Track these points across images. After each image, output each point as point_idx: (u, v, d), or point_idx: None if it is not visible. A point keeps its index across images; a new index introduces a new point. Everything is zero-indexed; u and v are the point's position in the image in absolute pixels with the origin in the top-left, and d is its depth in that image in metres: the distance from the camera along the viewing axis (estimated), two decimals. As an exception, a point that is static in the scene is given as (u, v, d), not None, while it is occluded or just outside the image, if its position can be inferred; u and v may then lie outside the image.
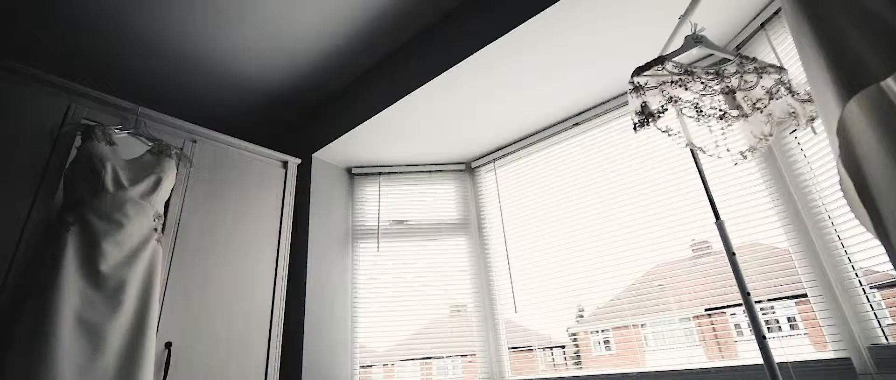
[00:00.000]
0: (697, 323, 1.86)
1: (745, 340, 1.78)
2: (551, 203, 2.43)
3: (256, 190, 2.22)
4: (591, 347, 2.17)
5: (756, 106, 1.26)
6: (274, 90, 2.67)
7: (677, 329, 1.91)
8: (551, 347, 2.30)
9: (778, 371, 1.22)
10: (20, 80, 1.64)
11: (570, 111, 2.41)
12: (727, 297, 1.80)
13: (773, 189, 1.77)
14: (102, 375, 1.43)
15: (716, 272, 1.85)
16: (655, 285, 1.98)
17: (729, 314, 1.81)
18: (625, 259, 2.09)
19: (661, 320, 1.94)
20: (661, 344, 1.94)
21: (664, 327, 1.94)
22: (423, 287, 2.57)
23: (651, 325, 1.98)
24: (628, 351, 2.04)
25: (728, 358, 1.79)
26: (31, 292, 1.41)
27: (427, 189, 2.83)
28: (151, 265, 1.66)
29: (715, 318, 1.84)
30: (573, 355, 2.21)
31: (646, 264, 2.02)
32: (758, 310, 1.29)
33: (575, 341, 2.22)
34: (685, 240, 1.94)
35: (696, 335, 1.85)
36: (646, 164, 2.14)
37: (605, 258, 2.16)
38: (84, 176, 1.60)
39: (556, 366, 2.25)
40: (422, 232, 2.70)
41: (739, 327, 1.80)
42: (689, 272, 1.91)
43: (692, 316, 1.87)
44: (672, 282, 1.94)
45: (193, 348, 1.78)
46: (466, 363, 2.42)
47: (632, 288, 2.04)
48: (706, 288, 1.85)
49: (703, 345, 1.83)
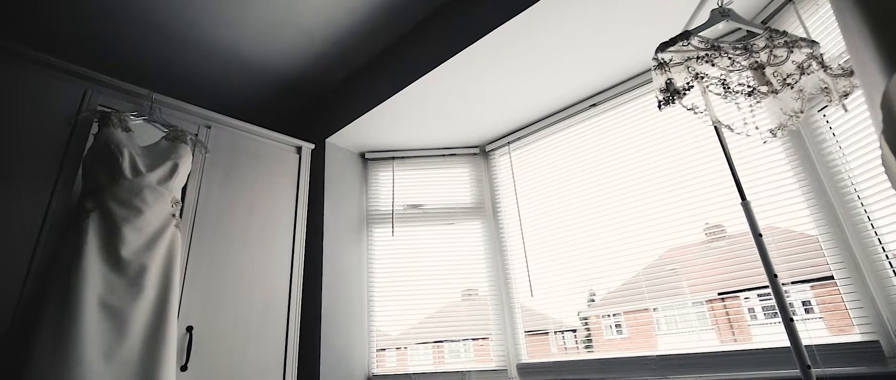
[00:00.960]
0: (710, 307, 1.85)
1: (758, 324, 1.76)
2: (566, 187, 2.40)
3: (271, 176, 2.22)
4: (602, 330, 2.17)
5: (786, 81, 1.21)
6: (286, 75, 2.65)
7: (690, 313, 1.89)
8: (564, 330, 2.29)
9: (805, 353, 1.19)
10: (36, 68, 1.64)
11: (586, 92, 2.36)
12: (741, 281, 1.78)
13: (798, 169, 1.71)
14: (128, 357, 1.45)
15: (730, 256, 1.82)
16: (668, 268, 1.97)
17: (742, 298, 1.80)
18: (638, 243, 2.07)
19: (674, 303, 1.93)
20: (674, 328, 1.93)
21: (677, 311, 1.93)
22: (439, 271, 2.57)
23: (663, 309, 1.97)
24: (640, 335, 2.04)
25: (741, 342, 1.78)
26: (55, 278, 1.43)
27: (441, 173, 2.81)
28: (171, 251, 1.67)
29: (728, 302, 1.82)
30: (584, 339, 2.20)
31: (659, 248, 2.00)
32: (784, 292, 1.26)
33: (586, 324, 2.21)
34: (699, 223, 1.92)
35: (709, 319, 1.84)
36: (662, 146, 2.10)
37: (618, 242, 2.14)
38: (102, 163, 1.61)
39: (568, 349, 2.25)
40: (436, 216, 2.69)
41: (753, 311, 1.78)
42: (703, 256, 1.88)
43: (705, 300, 1.86)
44: (685, 266, 1.92)
45: (214, 331, 1.80)
46: (478, 347, 2.43)
47: (645, 272, 2.03)
48: (720, 272, 1.84)
49: (716, 329, 1.82)
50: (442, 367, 2.40)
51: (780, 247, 1.72)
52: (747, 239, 1.79)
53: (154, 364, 1.49)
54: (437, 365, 2.43)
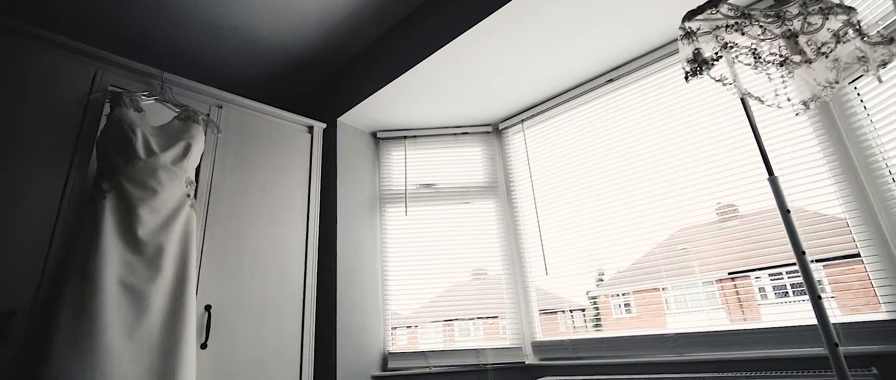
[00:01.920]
0: (720, 287, 1.85)
1: (769, 303, 1.76)
2: (580, 165, 2.36)
3: (283, 155, 2.21)
4: (611, 310, 2.18)
5: (821, 51, 1.15)
6: (296, 53, 2.61)
7: (700, 292, 1.89)
8: (573, 310, 2.30)
9: (833, 332, 1.17)
10: (46, 49, 1.63)
11: (605, 67, 2.29)
12: (753, 260, 1.77)
13: (826, 144, 1.65)
14: (148, 335, 1.47)
15: (742, 236, 1.80)
16: (679, 248, 1.95)
17: (753, 278, 1.79)
18: (650, 222, 2.05)
19: (684, 283, 1.93)
20: (683, 307, 1.93)
21: (686, 290, 1.93)
22: (452, 250, 2.56)
23: (673, 288, 1.98)
24: (649, 314, 2.05)
25: (751, 321, 1.77)
26: (75, 258, 1.44)
27: (454, 152, 2.78)
28: (187, 231, 1.68)
29: (739, 281, 1.81)
30: (593, 318, 2.21)
31: (671, 228, 1.99)
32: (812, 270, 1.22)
33: (595, 304, 2.21)
34: (711, 203, 1.89)
35: (719, 299, 1.84)
36: (678, 122, 2.05)
37: (630, 221, 2.12)
38: (115, 143, 1.60)
39: (577, 328, 2.26)
40: (449, 196, 2.67)
41: (764, 291, 1.77)
42: (715, 235, 1.86)
43: (716, 280, 1.85)
44: (696, 245, 1.91)
45: (232, 310, 1.82)
46: (488, 325, 2.43)
47: (656, 251, 2.02)
48: (731, 251, 1.82)
49: (726, 308, 1.82)
50: (458, 344, 2.41)
51: (802, 224, 1.68)
52: (760, 219, 1.77)
53: (175, 342, 1.51)
54: (451, 343, 2.44)
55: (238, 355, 1.78)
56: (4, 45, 1.54)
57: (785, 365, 1.59)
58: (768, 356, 1.63)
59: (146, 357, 1.45)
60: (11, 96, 1.52)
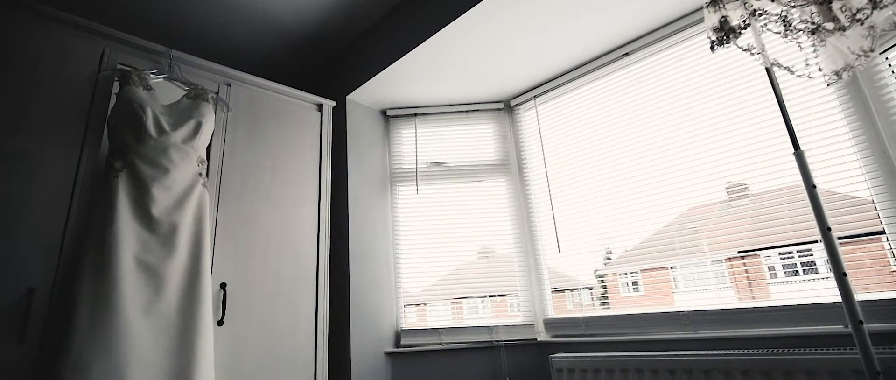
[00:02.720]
0: (729, 265, 1.84)
1: (778, 282, 1.75)
2: (593, 142, 2.32)
3: (294, 134, 2.19)
4: (618, 288, 2.18)
5: (856, 17, 1.09)
6: (305, 29, 2.56)
7: (708, 271, 1.88)
8: (582, 288, 2.30)
9: (858, 309, 1.14)
10: (54, 26, 1.60)
11: (620, 40, 2.22)
12: (762, 239, 1.76)
13: (852, 117, 1.60)
14: (166, 312, 1.49)
15: (752, 214, 1.79)
16: (689, 227, 1.95)
17: (763, 257, 1.78)
18: (660, 201, 2.03)
19: (693, 262, 1.93)
20: (691, 286, 1.93)
21: (695, 269, 1.93)
22: (464, 229, 2.55)
23: (681, 267, 1.98)
24: (657, 292, 2.05)
25: (760, 300, 1.77)
26: (91, 237, 1.44)
27: (464, 130, 2.74)
28: (200, 209, 1.68)
29: (748, 260, 1.81)
30: (600, 296, 2.21)
31: (680, 206, 1.97)
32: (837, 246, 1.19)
33: (603, 282, 2.21)
34: (721, 182, 1.88)
35: (728, 277, 1.84)
36: (693, 99, 2.01)
37: (640, 199, 2.10)
38: (126, 122, 1.59)
39: (584, 306, 2.27)
40: (461, 174, 2.65)
41: (773, 270, 1.77)
42: (725, 214, 1.85)
43: (725, 258, 1.85)
44: (706, 224, 1.90)
45: (247, 288, 1.83)
46: (496, 303, 2.44)
47: (665, 230, 2.01)
48: (741, 230, 1.81)
49: (735, 287, 1.82)
50: (470, 321, 2.42)
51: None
52: (771, 197, 1.76)
53: (192, 319, 1.53)
54: (465, 320, 2.46)
55: (254, 333, 1.80)
56: (12, 23, 1.52)
57: (798, 343, 1.58)
58: (785, 334, 1.61)
59: (165, 334, 1.47)
60: (21, 76, 1.50)
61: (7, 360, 1.29)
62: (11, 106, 1.46)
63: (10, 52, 1.50)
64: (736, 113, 1.87)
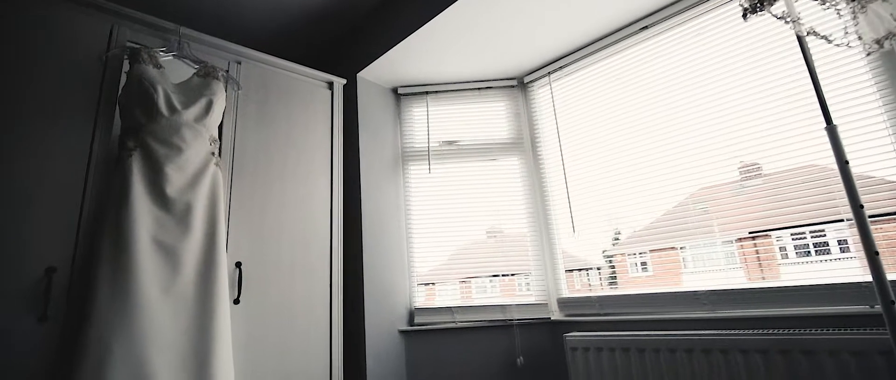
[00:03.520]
0: (740, 246, 1.82)
1: (789, 263, 1.73)
2: (607, 120, 2.27)
3: (305, 112, 2.16)
4: (627, 268, 2.18)
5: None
6: (315, 6, 2.51)
7: (718, 252, 1.87)
8: (590, 268, 2.29)
9: (889, 288, 1.11)
10: (61, 3, 1.57)
11: (637, 14, 2.14)
12: (775, 220, 1.73)
13: (886, 91, 1.53)
14: (183, 292, 1.50)
15: (764, 195, 1.76)
16: (699, 207, 1.92)
17: (774, 237, 1.76)
18: (672, 180, 2.00)
19: (703, 242, 1.91)
20: (701, 266, 1.91)
21: (705, 249, 1.91)
22: (476, 208, 2.53)
23: (690, 247, 1.96)
24: (666, 273, 2.04)
25: (770, 280, 1.75)
26: (107, 217, 1.44)
27: (477, 108, 2.70)
28: (214, 189, 1.67)
29: (759, 241, 1.79)
30: (609, 276, 2.20)
31: (693, 186, 1.95)
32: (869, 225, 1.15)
33: (611, 262, 2.21)
34: (734, 161, 1.84)
35: (738, 258, 1.82)
36: (711, 75, 1.94)
37: (653, 178, 2.06)
38: (138, 101, 1.57)
39: (592, 286, 2.27)
40: (473, 153, 2.61)
41: (784, 250, 1.75)
42: (737, 194, 1.83)
43: (735, 239, 1.83)
44: (717, 204, 1.87)
45: (262, 266, 1.83)
46: (504, 284, 2.44)
47: (676, 210, 1.99)
48: (753, 211, 1.78)
49: (744, 267, 1.81)
50: (484, 300, 2.42)
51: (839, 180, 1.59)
52: (784, 177, 1.73)
53: (209, 298, 1.53)
54: (475, 300, 2.46)
55: (270, 311, 1.81)
56: (19, 0, 1.49)
57: (814, 323, 1.55)
58: (804, 314, 1.58)
59: (183, 313, 1.48)
60: (31, 55, 1.48)
61: (31, 338, 1.31)
62: (23, 86, 1.45)
63: (19, 31, 1.48)
64: (754, 89, 1.81)
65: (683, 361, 1.67)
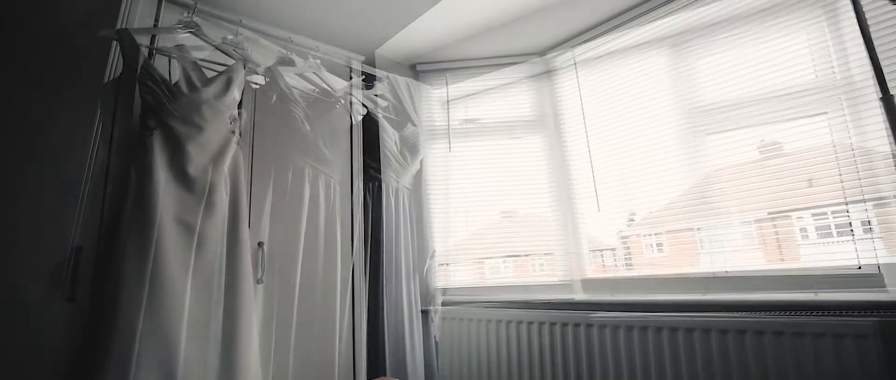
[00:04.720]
0: (758, 227, 1.78)
1: (809, 244, 1.68)
2: (633, 98, 2.18)
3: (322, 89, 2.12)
4: (642, 249, 2.15)
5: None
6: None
7: (736, 233, 1.82)
8: (607, 249, 2.27)
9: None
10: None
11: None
12: (795, 200, 1.68)
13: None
14: (208, 271, 1.49)
15: (785, 175, 1.70)
16: (716, 187, 1.87)
17: (795, 218, 1.70)
18: (690, 159, 1.94)
19: (720, 223, 1.86)
20: (718, 247, 1.86)
21: (722, 230, 1.86)
22: (497, 187, 2.49)
23: (707, 228, 1.91)
24: (681, 254, 2.02)
25: (789, 262, 1.70)
26: (129, 197, 1.43)
27: (498, 84, 2.62)
28: (235, 168, 1.65)
29: (778, 222, 1.74)
30: (624, 257, 2.17)
31: (714, 165, 1.89)
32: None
33: (625, 243, 2.17)
34: (754, 141, 1.79)
35: (756, 239, 1.78)
36: (738, 48, 1.85)
37: (671, 158, 2.00)
38: (156, 79, 1.54)
39: (607, 267, 2.25)
40: (494, 130, 2.56)
41: (805, 231, 1.69)
42: (757, 174, 1.77)
43: (754, 220, 1.78)
44: (736, 185, 1.82)
45: (284, 247, 1.82)
46: (518, 264, 2.41)
47: (693, 190, 1.93)
48: (772, 191, 1.72)
49: (763, 248, 1.76)
50: (507, 281, 2.40)
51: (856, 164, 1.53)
52: (806, 156, 1.66)
53: (233, 278, 1.53)
54: (482, 281, 2.44)
55: (293, 291, 1.81)
56: (34, -24, 1.46)
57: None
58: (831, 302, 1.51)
59: (207, 293, 1.48)
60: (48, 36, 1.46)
61: (60, 317, 1.31)
62: (43, 65, 1.43)
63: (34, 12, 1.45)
64: (780, 63, 1.72)
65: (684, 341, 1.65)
